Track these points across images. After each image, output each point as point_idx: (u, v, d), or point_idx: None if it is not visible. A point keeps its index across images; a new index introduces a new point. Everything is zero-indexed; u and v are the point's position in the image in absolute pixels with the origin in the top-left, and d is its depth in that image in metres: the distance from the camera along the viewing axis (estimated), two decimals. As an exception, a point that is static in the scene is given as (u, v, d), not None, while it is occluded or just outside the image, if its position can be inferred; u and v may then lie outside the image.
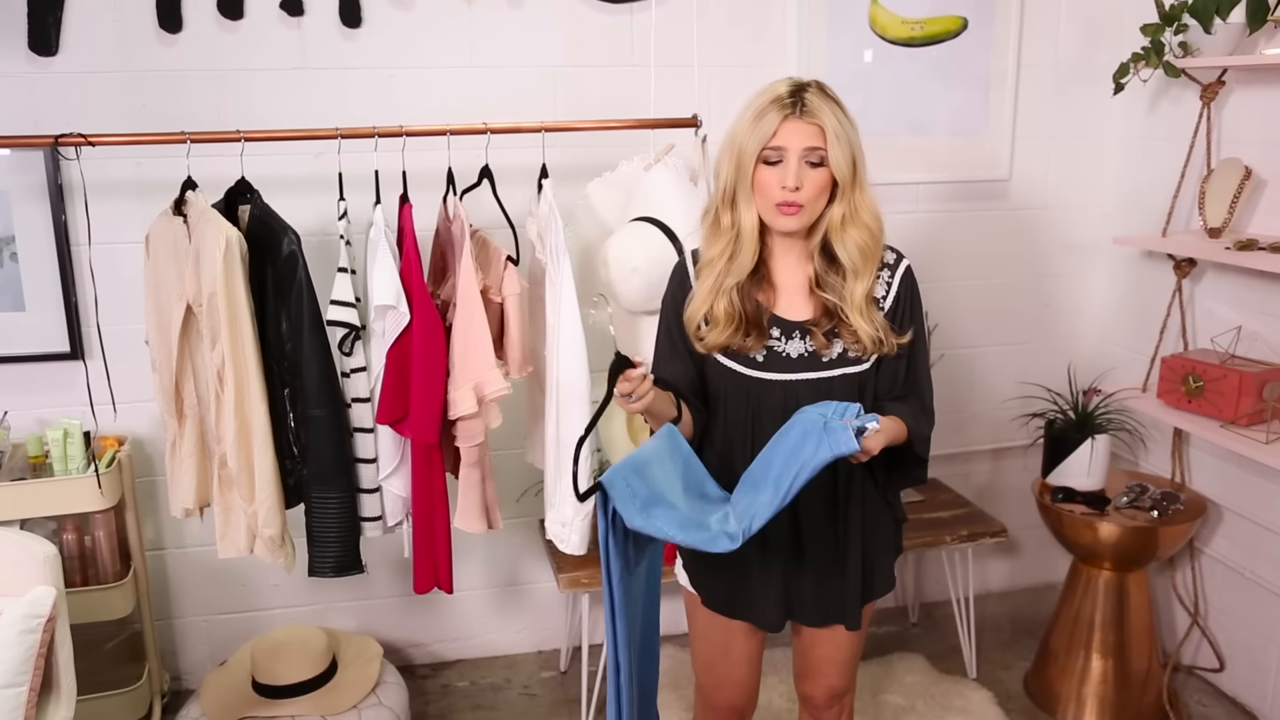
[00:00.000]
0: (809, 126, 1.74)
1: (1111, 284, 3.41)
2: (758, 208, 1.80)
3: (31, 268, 2.70)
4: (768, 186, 1.76)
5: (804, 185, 1.75)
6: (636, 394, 1.69)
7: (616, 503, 1.65)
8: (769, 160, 1.75)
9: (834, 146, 1.74)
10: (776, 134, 1.74)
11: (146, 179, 2.71)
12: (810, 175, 1.75)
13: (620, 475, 1.66)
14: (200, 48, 2.69)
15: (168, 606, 3.03)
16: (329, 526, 2.48)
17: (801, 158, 1.74)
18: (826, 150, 1.74)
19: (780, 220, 1.78)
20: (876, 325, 1.83)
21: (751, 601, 1.95)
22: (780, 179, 1.75)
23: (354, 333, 2.43)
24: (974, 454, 3.49)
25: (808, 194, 1.76)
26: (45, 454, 2.61)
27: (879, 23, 3.06)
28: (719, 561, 1.94)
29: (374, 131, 2.42)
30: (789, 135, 1.74)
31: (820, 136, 1.74)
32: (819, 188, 1.77)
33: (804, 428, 1.66)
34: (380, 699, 2.68)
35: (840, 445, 1.61)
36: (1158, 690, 2.93)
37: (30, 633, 2.01)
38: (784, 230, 1.81)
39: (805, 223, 1.80)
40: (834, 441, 1.61)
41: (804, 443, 1.64)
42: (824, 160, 1.75)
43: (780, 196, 1.75)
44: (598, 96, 2.91)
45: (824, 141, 1.74)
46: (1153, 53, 2.85)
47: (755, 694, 2.12)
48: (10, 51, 2.61)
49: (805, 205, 1.76)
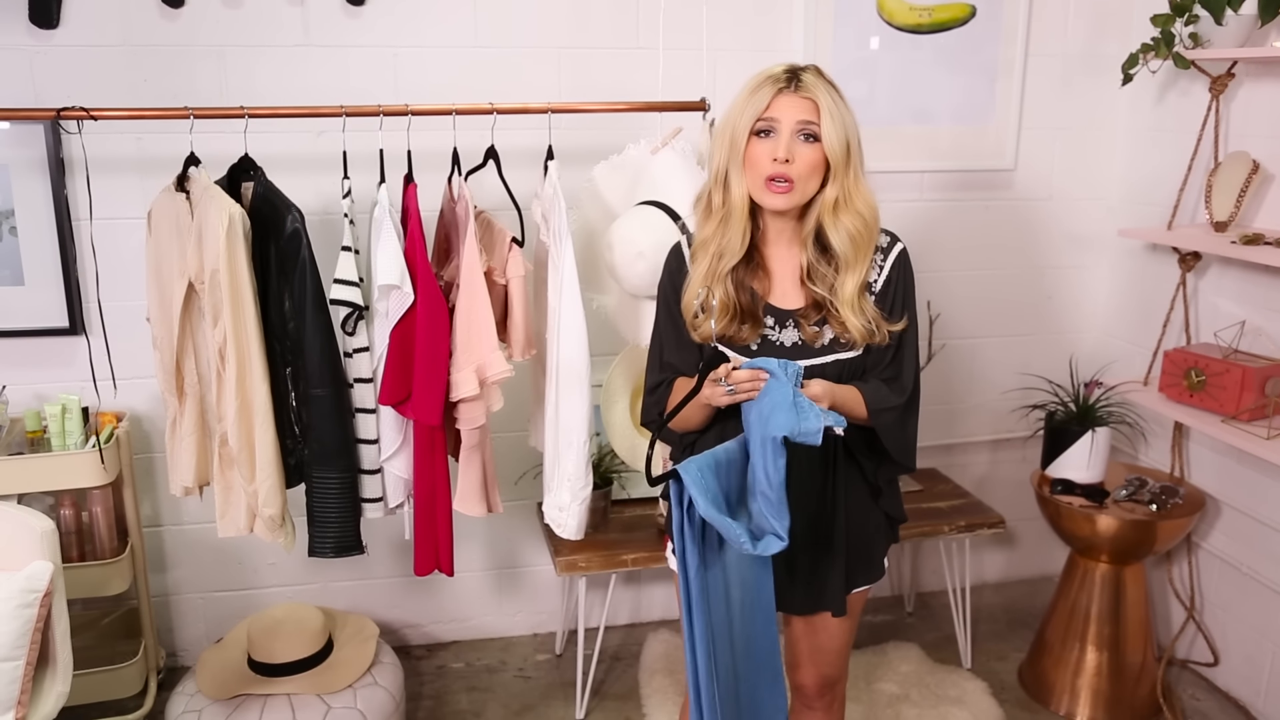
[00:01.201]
0: (803, 100, 1.74)
1: (1115, 276, 3.40)
2: (749, 184, 1.78)
3: (31, 242, 2.69)
4: (759, 159, 1.75)
5: (795, 159, 1.74)
6: (740, 389, 1.69)
7: (691, 489, 1.63)
8: (761, 132, 1.75)
9: (827, 122, 1.73)
10: (770, 106, 1.74)
11: (148, 154, 2.69)
12: (802, 150, 1.74)
13: (694, 465, 1.65)
14: (203, 23, 2.67)
15: (164, 583, 3.03)
16: (329, 507, 2.47)
17: (794, 131, 1.74)
18: (819, 125, 1.73)
19: (770, 198, 1.77)
20: (868, 317, 1.82)
21: None
22: (772, 151, 1.74)
23: (357, 312, 2.42)
24: (973, 445, 3.49)
25: (799, 169, 1.74)
26: (43, 429, 2.60)
27: (887, 9, 3.04)
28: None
29: (379, 110, 2.41)
30: (782, 108, 1.74)
31: (814, 111, 1.73)
32: (810, 165, 1.75)
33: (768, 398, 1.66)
34: (376, 679, 2.68)
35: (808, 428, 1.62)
36: (1152, 683, 2.94)
37: (27, 607, 2.01)
38: (774, 208, 1.79)
39: (796, 201, 1.78)
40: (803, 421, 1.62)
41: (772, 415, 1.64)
42: (817, 136, 1.74)
43: (771, 169, 1.74)
44: (603, 78, 2.89)
45: (817, 117, 1.73)
46: (1162, 44, 2.83)
47: None
48: (11, 24, 2.58)
49: (796, 182, 1.75)
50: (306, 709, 2.54)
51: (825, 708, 2.13)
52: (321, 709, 2.55)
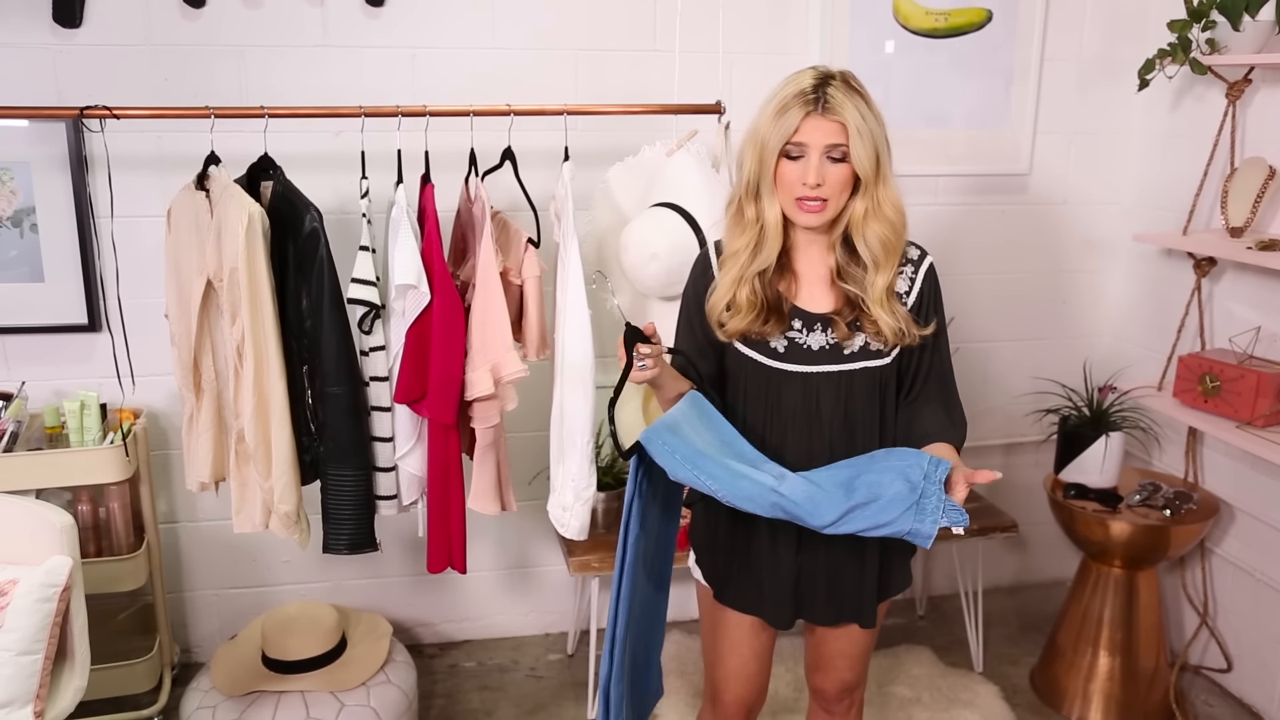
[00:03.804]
0: (831, 124, 1.72)
1: (1130, 281, 3.39)
2: (780, 202, 1.80)
3: (52, 239, 2.71)
4: (789, 181, 1.76)
5: (825, 181, 1.74)
6: (650, 362, 1.71)
7: (656, 458, 1.65)
8: (791, 155, 1.75)
9: (856, 143, 1.73)
10: (798, 130, 1.73)
11: (167, 153, 2.71)
12: (832, 171, 1.75)
13: (655, 434, 1.66)
14: (224, 23, 2.69)
15: (179, 579, 3.05)
16: (344, 504, 2.48)
17: (823, 154, 1.74)
18: (849, 147, 1.73)
19: (802, 216, 1.78)
20: (899, 317, 1.83)
21: (762, 598, 1.95)
22: (801, 175, 1.74)
23: (374, 311, 2.43)
24: (987, 448, 3.48)
25: (829, 190, 1.75)
26: (62, 425, 2.62)
27: (902, 13, 3.05)
28: (731, 557, 1.95)
29: (398, 110, 2.42)
30: (810, 132, 1.73)
31: (842, 134, 1.73)
32: (841, 184, 1.76)
33: (900, 478, 1.64)
34: (389, 677, 2.69)
35: (922, 530, 1.62)
36: (1164, 689, 2.93)
37: (46, 601, 2.03)
38: (806, 225, 1.81)
39: (828, 218, 1.79)
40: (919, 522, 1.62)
41: (892, 499, 1.63)
42: (846, 156, 1.74)
43: (801, 192, 1.75)
44: (619, 81, 2.90)
45: (846, 139, 1.73)
46: (1179, 49, 2.83)
47: (765, 689, 2.11)
48: (34, 23, 2.61)
49: (828, 201, 1.76)
50: (320, 706, 2.55)
51: (844, 712, 2.13)
52: (335, 706, 2.56)
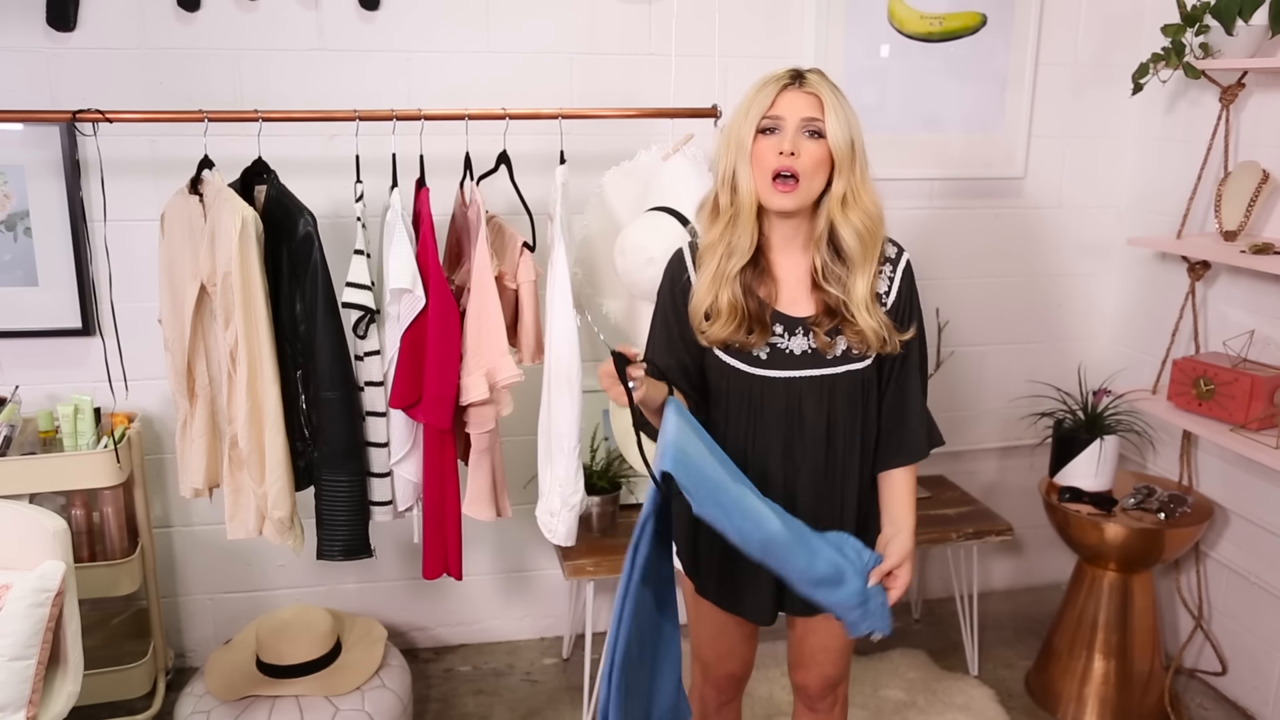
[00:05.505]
0: (807, 97, 1.76)
1: (1124, 285, 3.40)
2: (755, 183, 1.79)
3: (45, 243, 2.70)
4: (765, 156, 1.76)
5: (800, 154, 1.75)
6: (637, 381, 1.72)
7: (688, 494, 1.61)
8: (766, 129, 1.77)
9: (831, 118, 1.75)
10: (774, 104, 1.76)
11: (162, 157, 2.70)
12: (807, 146, 1.75)
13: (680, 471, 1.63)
14: (218, 27, 2.69)
15: (173, 584, 3.04)
16: (338, 510, 2.48)
17: (799, 127, 1.75)
18: (824, 121, 1.75)
19: (776, 198, 1.77)
20: (879, 321, 1.83)
21: (742, 595, 1.96)
22: (777, 146, 1.75)
23: (368, 316, 2.43)
24: (981, 452, 3.49)
25: (804, 164, 1.75)
26: (55, 429, 2.61)
27: (897, 17, 3.05)
28: (710, 554, 1.95)
29: (392, 114, 2.42)
30: (786, 105, 1.76)
31: (818, 107, 1.75)
32: (815, 160, 1.76)
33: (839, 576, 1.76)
34: (383, 681, 2.69)
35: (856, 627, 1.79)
36: (1159, 692, 2.93)
37: (39, 606, 2.02)
38: (780, 209, 1.79)
39: (802, 200, 1.78)
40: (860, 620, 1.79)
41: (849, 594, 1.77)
42: (821, 132, 1.75)
43: (777, 163, 1.75)
44: (615, 84, 2.90)
45: (821, 113, 1.75)
46: (1173, 53, 2.84)
47: (752, 661, 2.14)
48: (28, 27, 2.60)
49: (801, 179, 1.75)
50: (314, 711, 2.55)
51: (828, 709, 2.13)
52: (330, 711, 2.55)
